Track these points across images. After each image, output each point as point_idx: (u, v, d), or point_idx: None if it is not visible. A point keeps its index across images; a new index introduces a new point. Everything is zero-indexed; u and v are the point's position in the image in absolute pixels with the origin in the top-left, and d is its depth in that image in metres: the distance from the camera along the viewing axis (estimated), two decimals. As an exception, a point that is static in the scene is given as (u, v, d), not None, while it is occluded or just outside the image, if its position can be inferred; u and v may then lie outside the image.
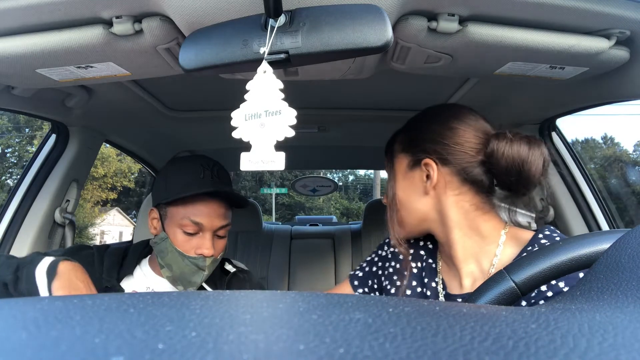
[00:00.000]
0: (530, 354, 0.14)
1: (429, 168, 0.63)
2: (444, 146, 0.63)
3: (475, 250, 0.62)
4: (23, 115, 1.02)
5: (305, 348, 0.14)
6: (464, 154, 0.62)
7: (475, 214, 0.63)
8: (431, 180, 0.63)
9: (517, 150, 0.58)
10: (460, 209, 0.63)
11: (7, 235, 1.09)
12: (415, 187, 0.66)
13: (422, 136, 0.66)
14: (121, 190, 16.64)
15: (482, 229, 0.62)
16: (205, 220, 0.80)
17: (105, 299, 0.21)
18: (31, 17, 0.58)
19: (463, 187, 0.63)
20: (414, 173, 0.66)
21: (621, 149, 17.38)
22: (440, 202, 0.64)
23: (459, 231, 0.63)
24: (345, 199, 23.60)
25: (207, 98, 1.22)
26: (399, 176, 0.69)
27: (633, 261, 0.24)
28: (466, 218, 0.63)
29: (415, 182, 0.66)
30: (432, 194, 0.64)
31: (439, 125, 0.65)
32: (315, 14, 0.48)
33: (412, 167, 0.66)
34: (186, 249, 0.80)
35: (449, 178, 0.63)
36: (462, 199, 0.63)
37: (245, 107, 0.49)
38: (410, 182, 0.67)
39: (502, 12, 0.57)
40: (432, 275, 0.69)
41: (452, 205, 0.63)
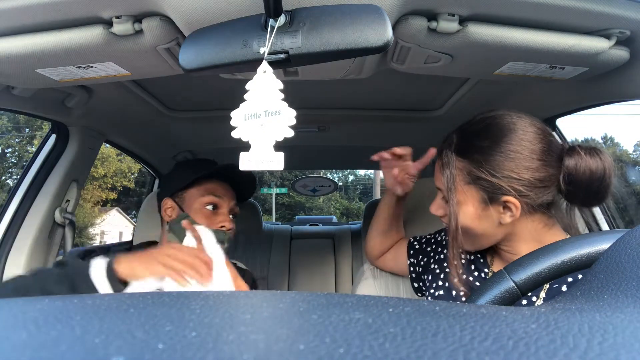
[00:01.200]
0: (530, 354, 0.14)
1: (511, 206, 0.60)
2: (526, 185, 0.59)
3: None
4: (23, 115, 1.02)
5: (305, 348, 0.14)
6: (545, 189, 0.59)
7: (544, 230, 0.63)
8: (513, 216, 0.61)
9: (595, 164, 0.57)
10: (532, 228, 0.63)
11: (7, 235, 1.09)
12: (491, 218, 0.62)
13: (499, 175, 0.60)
14: (121, 190, 16.63)
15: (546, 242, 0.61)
16: (224, 195, 0.91)
17: (105, 299, 0.21)
18: (31, 17, 0.58)
19: (536, 213, 0.62)
20: (489, 206, 0.62)
21: (621, 149, 17.38)
22: (513, 227, 0.63)
23: (525, 245, 0.63)
24: (345, 199, 23.60)
25: (207, 98, 1.22)
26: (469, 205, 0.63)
27: (633, 261, 0.24)
28: (534, 234, 0.63)
29: (489, 215, 0.62)
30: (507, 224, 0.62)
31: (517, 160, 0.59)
32: (315, 14, 0.48)
33: (488, 202, 0.61)
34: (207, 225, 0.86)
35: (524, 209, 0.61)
36: (534, 219, 0.62)
37: (245, 107, 0.49)
38: (482, 214, 0.63)
39: (502, 12, 0.57)
40: (482, 267, 0.71)
41: (524, 228, 0.63)
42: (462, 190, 0.64)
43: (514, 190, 0.59)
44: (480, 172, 0.61)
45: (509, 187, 0.59)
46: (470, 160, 0.63)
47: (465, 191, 0.63)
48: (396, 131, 1.51)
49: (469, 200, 0.63)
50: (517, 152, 0.59)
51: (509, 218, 0.61)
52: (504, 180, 0.59)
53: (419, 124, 1.40)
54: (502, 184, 0.59)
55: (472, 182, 0.63)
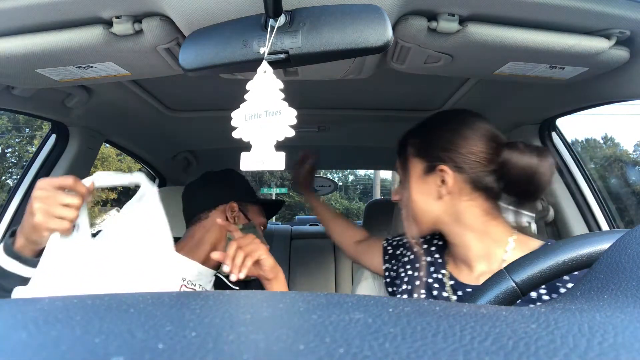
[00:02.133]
0: (530, 354, 0.14)
1: (445, 174, 0.66)
2: (458, 155, 0.65)
3: (485, 252, 0.66)
4: (23, 115, 1.02)
5: (305, 348, 0.14)
6: (477, 163, 0.65)
7: (486, 219, 0.66)
8: (446, 186, 0.66)
9: (529, 160, 0.60)
10: (472, 214, 0.66)
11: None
12: (430, 191, 0.68)
13: (436, 143, 0.68)
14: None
15: (493, 233, 0.66)
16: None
17: (105, 299, 0.21)
18: (31, 17, 0.58)
19: (474, 193, 0.66)
20: (428, 178, 0.69)
21: (621, 149, 17.39)
22: (453, 206, 0.67)
23: (471, 234, 0.67)
24: (345, 199, 23.59)
25: (207, 98, 1.22)
26: (413, 179, 0.71)
27: (633, 261, 0.24)
28: (477, 222, 0.66)
29: (430, 187, 0.68)
30: (445, 199, 0.67)
31: (453, 134, 0.67)
32: (315, 14, 0.48)
33: (428, 172, 0.69)
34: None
35: (462, 185, 0.66)
36: (474, 204, 0.66)
37: (245, 107, 0.49)
38: (425, 186, 0.69)
39: (502, 12, 0.57)
40: (439, 268, 0.74)
41: (464, 210, 0.66)
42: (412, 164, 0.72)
43: (449, 159, 0.66)
44: (423, 144, 0.71)
45: (445, 156, 0.66)
46: (419, 137, 0.73)
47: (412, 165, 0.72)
48: (396, 131, 1.50)
49: (414, 174, 0.71)
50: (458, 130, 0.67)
51: (445, 190, 0.66)
52: (441, 149, 0.67)
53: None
54: (439, 153, 0.67)
55: (416, 154, 0.71)
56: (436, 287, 0.73)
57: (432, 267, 0.75)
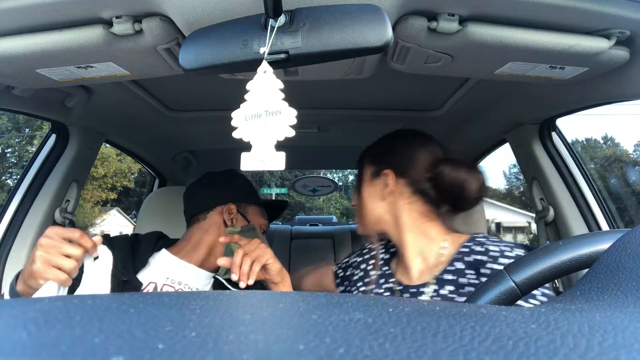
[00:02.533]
0: (530, 354, 0.14)
1: (387, 177, 0.75)
2: (402, 161, 0.76)
3: (422, 249, 0.73)
4: (23, 115, 1.02)
5: (305, 348, 0.14)
6: (417, 170, 0.74)
7: (423, 220, 0.74)
8: (388, 188, 0.75)
9: (458, 174, 0.70)
10: (411, 215, 0.74)
11: (7, 235, 1.09)
12: (376, 193, 0.78)
13: (385, 151, 0.80)
14: (121, 190, 16.63)
15: (428, 233, 0.74)
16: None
17: (105, 299, 0.21)
18: (31, 17, 0.58)
19: (413, 197, 0.74)
20: (375, 181, 0.78)
21: (621, 149, 17.37)
22: (394, 207, 0.75)
23: (409, 233, 0.74)
24: (345, 199, 23.58)
25: (207, 98, 1.22)
26: (364, 183, 0.81)
27: (633, 261, 0.24)
28: (415, 222, 0.74)
29: (376, 189, 0.78)
30: (388, 200, 0.76)
31: (400, 144, 0.79)
32: (315, 14, 0.48)
33: (375, 176, 0.78)
34: None
35: (402, 188, 0.74)
36: (412, 207, 0.74)
37: (245, 107, 0.49)
38: (372, 188, 0.79)
39: (502, 12, 0.57)
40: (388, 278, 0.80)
41: (404, 211, 0.74)
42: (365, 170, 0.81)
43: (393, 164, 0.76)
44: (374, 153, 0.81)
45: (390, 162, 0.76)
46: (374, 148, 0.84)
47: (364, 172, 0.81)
48: (396, 131, 1.51)
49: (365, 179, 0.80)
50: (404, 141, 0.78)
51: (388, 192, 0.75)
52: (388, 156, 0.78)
53: (419, 124, 1.40)
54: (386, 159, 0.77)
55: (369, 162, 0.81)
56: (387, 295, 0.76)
57: (382, 278, 0.80)
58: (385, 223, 0.77)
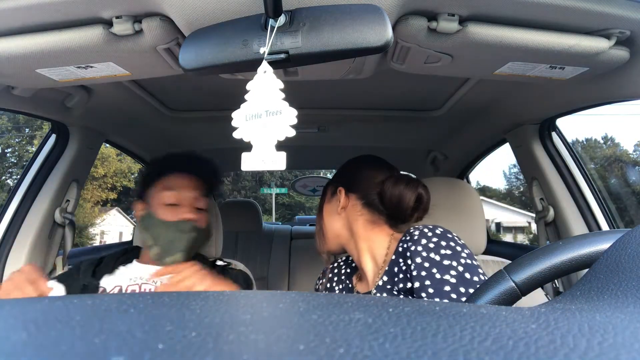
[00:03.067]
0: (530, 354, 0.14)
1: (340, 194, 0.85)
2: (354, 179, 0.85)
3: (372, 253, 0.80)
4: (23, 115, 1.02)
5: (305, 348, 0.14)
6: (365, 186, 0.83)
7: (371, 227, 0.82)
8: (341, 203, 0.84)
9: (397, 188, 0.77)
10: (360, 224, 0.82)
11: (7, 235, 1.09)
12: (333, 209, 0.86)
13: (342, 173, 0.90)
14: (121, 190, 16.63)
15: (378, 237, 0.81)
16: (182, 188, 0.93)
17: (105, 299, 0.21)
18: (31, 17, 0.58)
19: (364, 209, 0.82)
20: (333, 199, 0.87)
21: (621, 149, 17.36)
22: (348, 220, 0.83)
23: (362, 241, 0.81)
24: (345, 199, 23.52)
25: (207, 98, 1.22)
26: (325, 203, 0.90)
27: (633, 261, 0.24)
28: (365, 230, 0.82)
29: (333, 206, 0.87)
30: (343, 215, 0.84)
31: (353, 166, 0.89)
32: (315, 14, 0.48)
33: (332, 195, 0.88)
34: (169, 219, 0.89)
35: (354, 202, 0.83)
36: (363, 217, 0.82)
37: (245, 107, 0.49)
38: (330, 206, 0.88)
39: (502, 12, 0.57)
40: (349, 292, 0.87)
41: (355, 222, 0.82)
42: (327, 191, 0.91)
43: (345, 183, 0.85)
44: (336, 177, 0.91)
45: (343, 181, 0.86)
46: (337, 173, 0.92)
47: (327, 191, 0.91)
48: (396, 131, 1.51)
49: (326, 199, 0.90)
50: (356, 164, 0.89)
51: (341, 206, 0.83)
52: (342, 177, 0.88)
53: (419, 124, 1.40)
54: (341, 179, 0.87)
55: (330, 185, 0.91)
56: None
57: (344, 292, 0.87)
58: (343, 237, 0.85)
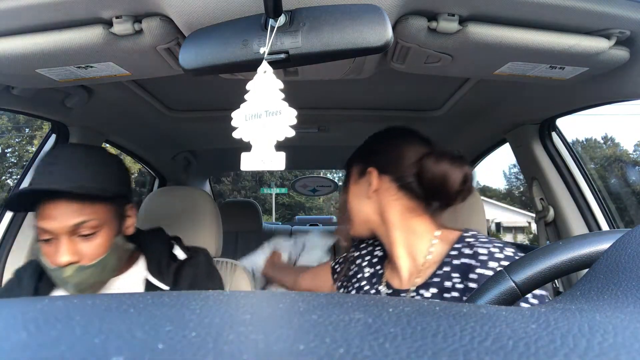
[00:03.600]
0: (530, 354, 0.14)
1: (371, 175, 0.75)
2: (386, 158, 0.75)
3: (410, 248, 0.71)
4: (23, 115, 1.02)
5: (305, 348, 0.14)
6: (400, 166, 0.73)
7: (410, 216, 0.72)
8: (371, 186, 0.74)
9: (441, 167, 0.67)
10: (396, 211, 0.72)
11: (7, 236, 1.09)
12: (362, 192, 0.77)
13: (370, 151, 0.80)
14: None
15: (416, 229, 0.71)
16: (49, 223, 0.66)
17: (105, 299, 0.21)
18: (31, 17, 0.58)
19: (399, 193, 0.72)
20: (361, 180, 0.77)
21: (621, 149, 17.36)
22: (380, 205, 0.74)
23: (396, 230, 0.72)
24: (345, 199, 23.53)
25: (207, 98, 1.22)
26: (350, 184, 0.80)
27: (633, 261, 0.24)
28: (401, 218, 0.72)
29: (362, 188, 0.77)
30: (374, 198, 0.75)
31: (385, 143, 0.78)
32: (315, 14, 0.48)
33: (360, 176, 0.78)
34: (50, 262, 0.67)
35: (387, 184, 0.73)
36: (399, 203, 0.72)
37: (245, 107, 0.49)
38: (357, 188, 0.78)
39: (502, 12, 0.57)
40: (379, 279, 0.78)
41: (390, 208, 0.73)
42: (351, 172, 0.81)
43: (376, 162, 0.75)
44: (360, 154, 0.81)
45: (374, 160, 0.76)
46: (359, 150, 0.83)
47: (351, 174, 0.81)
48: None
49: (351, 180, 0.80)
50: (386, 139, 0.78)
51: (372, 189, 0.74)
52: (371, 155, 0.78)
53: (419, 124, 1.40)
54: (370, 158, 0.77)
55: (354, 163, 0.81)
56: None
57: (374, 278, 0.79)
58: (373, 222, 0.76)
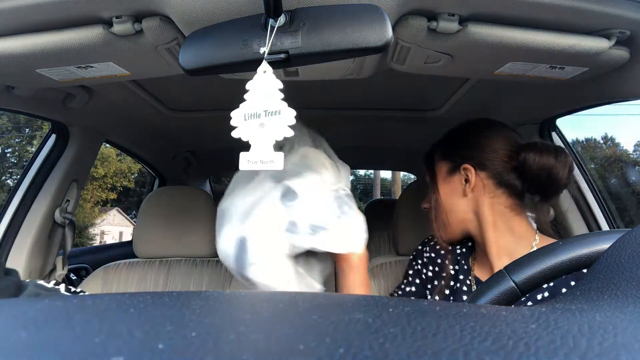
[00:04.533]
0: (530, 354, 0.14)
1: (468, 172, 0.70)
2: (481, 153, 0.69)
3: (509, 248, 0.67)
4: (23, 115, 1.02)
5: (305, 348, 0.14)
6: (499, 160, 0.68)
7: (509, 215, 0.68)
8: (470, 183, 0.69)
9: (546, 160, 0.64)
10: (495, 210, 0.68)
11: (7, 235, 1.08)
12: (455, 190, 0.72)
13: (460, 145, 0.73)
14: (121, 190, 16.61)
15: (516, 229, 0.68)
16: None
17: (105, 299, 0.21)
18: (31, 17, 0.58)
19: (498, 190, 0.68)
20: (453, 177, 0.72)
21: (621, 149, 17.36)
22: (477, 203, 0.69)
23: (494, 230, 0.68)
24: (345, 199, 23.52)
25: (207, 98, 1.22)
26: (440, 181, 0.74)
27: (633, 261, 0.24)
28: (501, 218, 0.68)
29: (455, 186, 0.72)
30: (470, 196, 0.70)
31: (476, 135, 0.72)
32: (315, 14, 0.48)
33: (452, 172, 0.73)
34: None
35: (485, 182, 0.69)
36: (497, 201, 0.68)
37: (244, 107, 0.49)
38: (450, 186, 0.73)
39: (502, 12, 0.57)
40: (466, 274, 0.75)
41: (487, 207, 0.68)
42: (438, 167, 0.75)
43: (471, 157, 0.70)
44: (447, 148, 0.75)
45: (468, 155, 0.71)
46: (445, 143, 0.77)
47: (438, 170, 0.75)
48: (396, 131, 1.51)
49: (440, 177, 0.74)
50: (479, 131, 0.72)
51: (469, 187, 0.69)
52: (464, 149, 0.72)
53: (419, 124, 1.40)
54: (462, 153, 0.72)
55: (442, 158, 0.75)
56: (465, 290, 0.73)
57: (461, 275, 0.75)
58: (470, 222, 0.71)
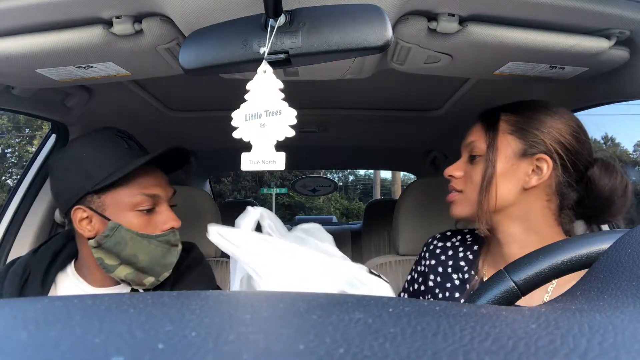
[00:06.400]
0: (530, 354, 0.14)
1: (543, 165, 0.60)
2: (566, 150, 0.60)
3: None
4: (23, 115, 1.02)
5: (305, 348, 0.14)
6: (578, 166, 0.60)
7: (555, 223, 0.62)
8: (539, 177, 0.60)
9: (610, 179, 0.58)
10: (545, 217, 0.61)
11: (7, 235, 1.09)
12: (516, 176, 0.61)
13: (543, 130, 0.61)
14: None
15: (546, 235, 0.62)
16: (160, 190, 0.72)
17: (105, 298, 0.21)
18: (31, 17, 0.58)
19: (553, 195, 0.61)
20: (520, 162, 0.61)
21: (621, 149, 17.36)
22: (530, 201, 0.61)
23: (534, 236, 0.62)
24: (345, 199, 23.55)
25: (207, 98, 1.22)
26: (501, 157, 0.63)
27: (633, 261, 0.24)
28: (547, 225, 0.61)
29: (518, 172, 0.61)
30: (528, 191, 0.61)
31: (567, 129, 0.61)
32: (315, 14, 0.48)
33: (522, 156, 0.61)
34: (149, 231, 0.70)
35: (549, 182, 0.61)
36: (550, 207, 0.61)
37: (245, 107, 0.49)
38: (512, 169, 0.62)
39: (502, 12, 0.57)
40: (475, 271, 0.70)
41: (538, 209, 0.61)
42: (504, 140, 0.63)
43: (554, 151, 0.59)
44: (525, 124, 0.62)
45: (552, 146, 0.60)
46: (518, 114, 0.64)
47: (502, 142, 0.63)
48: (396, 131, 1.51)
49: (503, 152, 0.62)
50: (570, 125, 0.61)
51: (535, 181, 0.60)
52: (548, 136, 0.60)
53: (419, 124, 1.40)
54: (545, 139, 0.60)
55: (514, 132, 0.63)
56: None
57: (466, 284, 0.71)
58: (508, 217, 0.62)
